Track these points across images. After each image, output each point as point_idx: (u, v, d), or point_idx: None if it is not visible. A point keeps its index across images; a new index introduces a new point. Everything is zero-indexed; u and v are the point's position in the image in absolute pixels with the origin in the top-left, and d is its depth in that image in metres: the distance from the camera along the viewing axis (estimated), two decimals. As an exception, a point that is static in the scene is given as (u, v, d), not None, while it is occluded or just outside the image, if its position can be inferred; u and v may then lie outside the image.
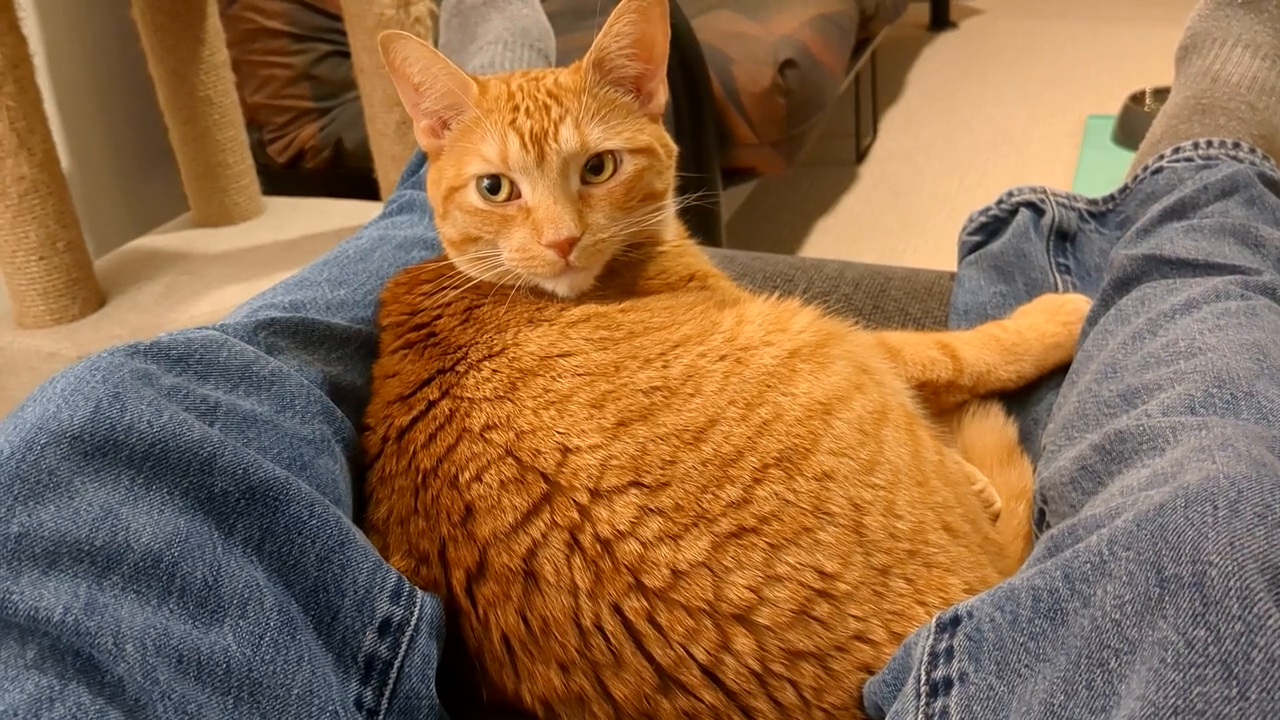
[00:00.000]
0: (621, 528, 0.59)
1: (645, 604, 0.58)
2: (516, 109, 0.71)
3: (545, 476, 0.61)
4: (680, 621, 0.58)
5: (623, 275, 0.74)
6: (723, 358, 0.65)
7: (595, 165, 0.71)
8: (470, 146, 0.72)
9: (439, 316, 0.73)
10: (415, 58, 0.72)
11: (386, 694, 0.58)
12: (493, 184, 0.71)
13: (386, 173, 1.76)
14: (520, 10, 1.24)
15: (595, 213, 0.71)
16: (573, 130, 0.70)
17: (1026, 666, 0.48)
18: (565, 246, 0.69)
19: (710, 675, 0.58)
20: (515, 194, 0.71)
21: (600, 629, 0.59)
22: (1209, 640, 0.42)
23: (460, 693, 0.63)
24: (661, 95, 0.76)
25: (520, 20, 1.23)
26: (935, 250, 2.55)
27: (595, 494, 0.60)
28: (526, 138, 0.69)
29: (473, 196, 0.71)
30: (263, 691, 0.52)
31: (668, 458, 0.61)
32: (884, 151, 3.18)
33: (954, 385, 0.82)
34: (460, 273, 0.74)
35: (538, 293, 0.73)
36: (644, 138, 0.74)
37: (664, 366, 0.65)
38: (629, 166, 0.72)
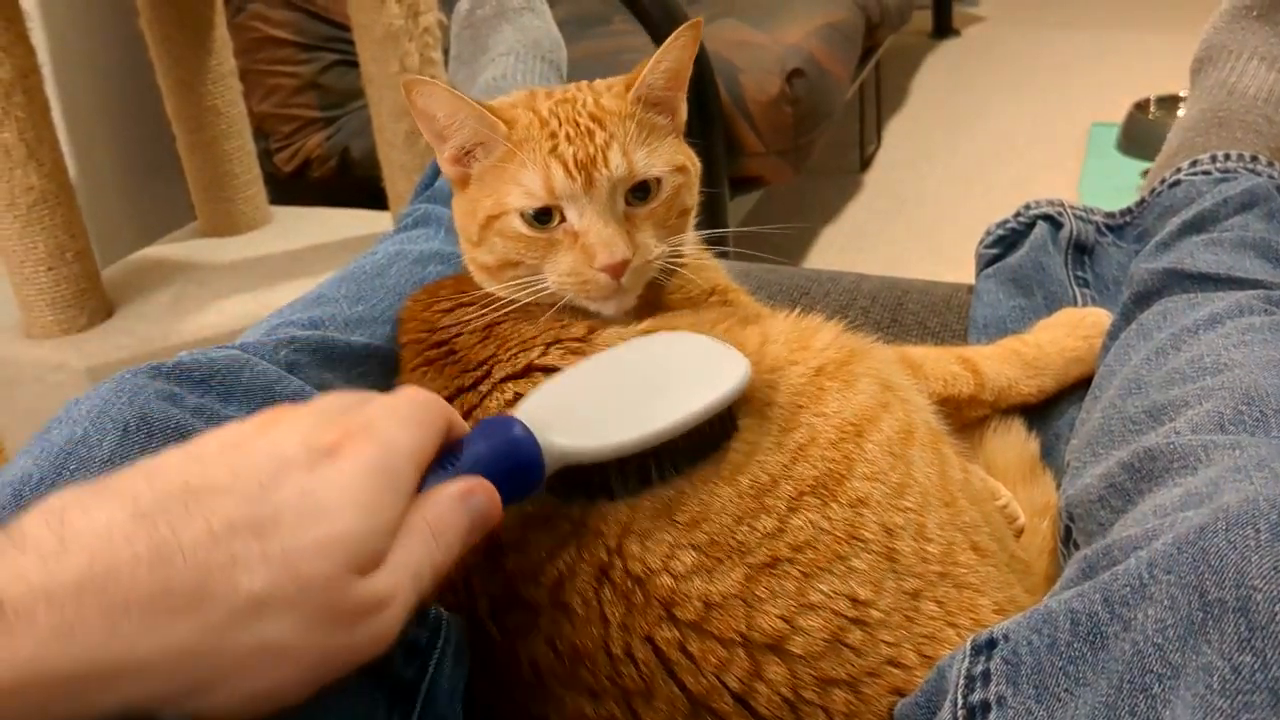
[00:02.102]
0: (653, 565, 0.59)
1: (677, 634, 0.58)
2: (554, 136, 0.70)
3: (570, 518, 0.61)
4: (713, 651, 0.57)
5: (646, 292, 0.74)
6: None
7: (639, 187, 0.71)
8: (508, 176, 0.71)
9: (458, 334, 0.72)
10: (440, 102, 0.71)
11: (414, 717, 0.58)
12: (539, 212, 0.70)
13: (395, 182, 1.75)
14: (532, 22, 1.24)
15: (641, 233, 0.71)
16: (620, 155, 0.70)
17: (1066, 691, 0.48)
18: (618, 269, 0.69)
19: (742, 702, 0.57)
20: (561, 218, 0.70)
21: (631, 657, 0.58)
22: (1255, 666, 0.41)
23: (487, 716, 0.63)
24: (683, 110, 0.76)
25: (532, 32, 1.23)
26: (940, 258, 2.55)
27: (626, 532, 0.60)
28: (570, 165, 0.69)
29: (516, 223, 0.71)
30: (286, 716, 0.52)
31: (703, 493, 0.60)
32: (888, 159, 3.18)
33: (976, 400, 0.82)
34: (484, 295, 0.73)
35: (564, 310, 0.72)
36: (680, 157, 0.74)
37: None
38: (668, 186, 0.73)
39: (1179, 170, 0.95)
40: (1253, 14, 0.99)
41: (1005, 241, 0.99)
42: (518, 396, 0.66)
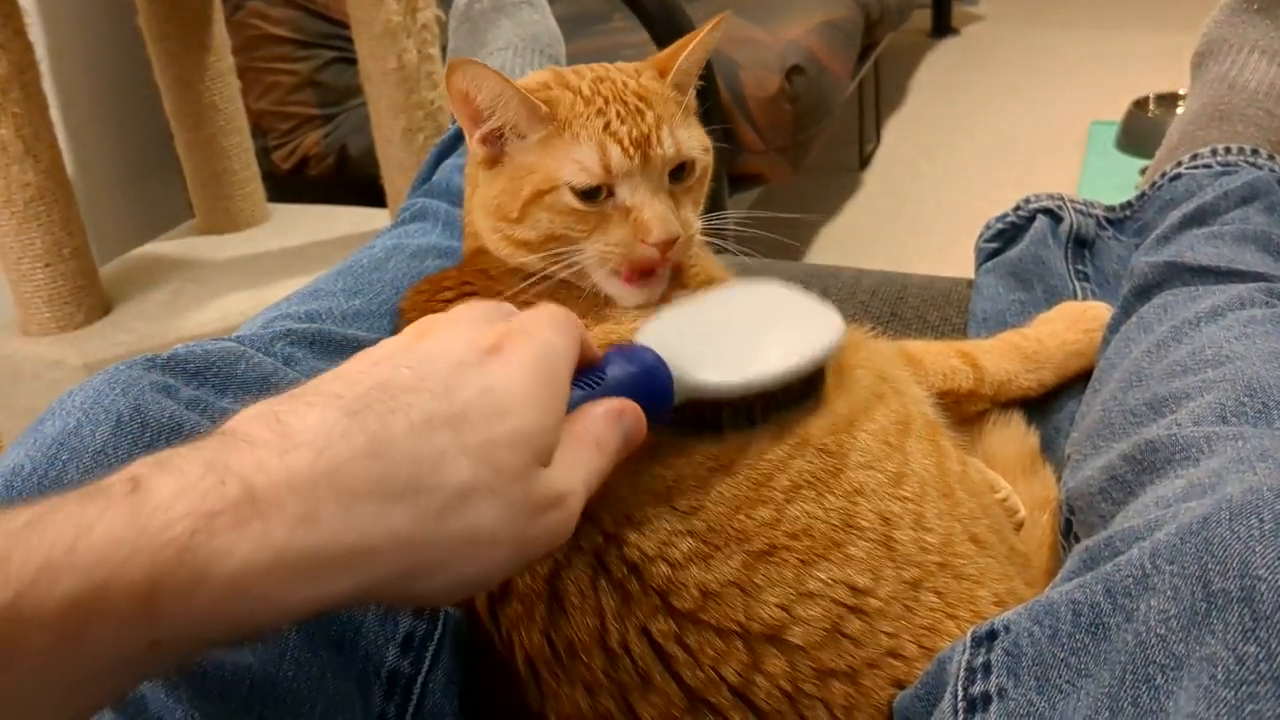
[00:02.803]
0: (650, 551, 0.58)
1: (674, 626, 0.57)
2: (603, 114, 0.71)
3: None
4: (710, 643, 0.57)
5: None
6: None
7: (679, 167, 0.73)
8: (559, 153, 0.72)
9: None
10: (484, 84, 0.71)
11: (410, 710, 0.58)
12: (590, 189, 0.71)
13: (392, 179, 1.75)
14: (530, 16, 1.23)
15: (683, 210, 0.73)
16: (669, 136, 0.72)
17: (1068, 682, 0.47)
18: (669, 245, 0.70)
19: (740, 696, 0.57)
20: (608, 194, 0.71)
21: (627, 651, 0.58)
22: (1260, 656, 0.41)
23: (484, 709, 0.63)
24: (693, 96, 0.78)
25: (530, 26, 1.22)
26: (939, 256, 2.54)
27: (623, 520, 0.59)
28: (627, 143, 0.70)
29: (567, 198, 0.71)
30: (285, 709, 0.52)
31: (700, 481, 0.60)
32: (887, 157, 3.18)
33: (975, 394, 0.82)
34: (510, 270, 0.74)
35: (588, 298, 0.73)
36: (706, 139, 0.76)
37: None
38: (699, 166, 0.75)
39: (1179, 164, 0.94)
40: (1253, 8, 0.99)
41: (1005, 235, 0.99)
42: None
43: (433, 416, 0.43)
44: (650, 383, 0.56)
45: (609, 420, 0.51)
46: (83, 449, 0.52)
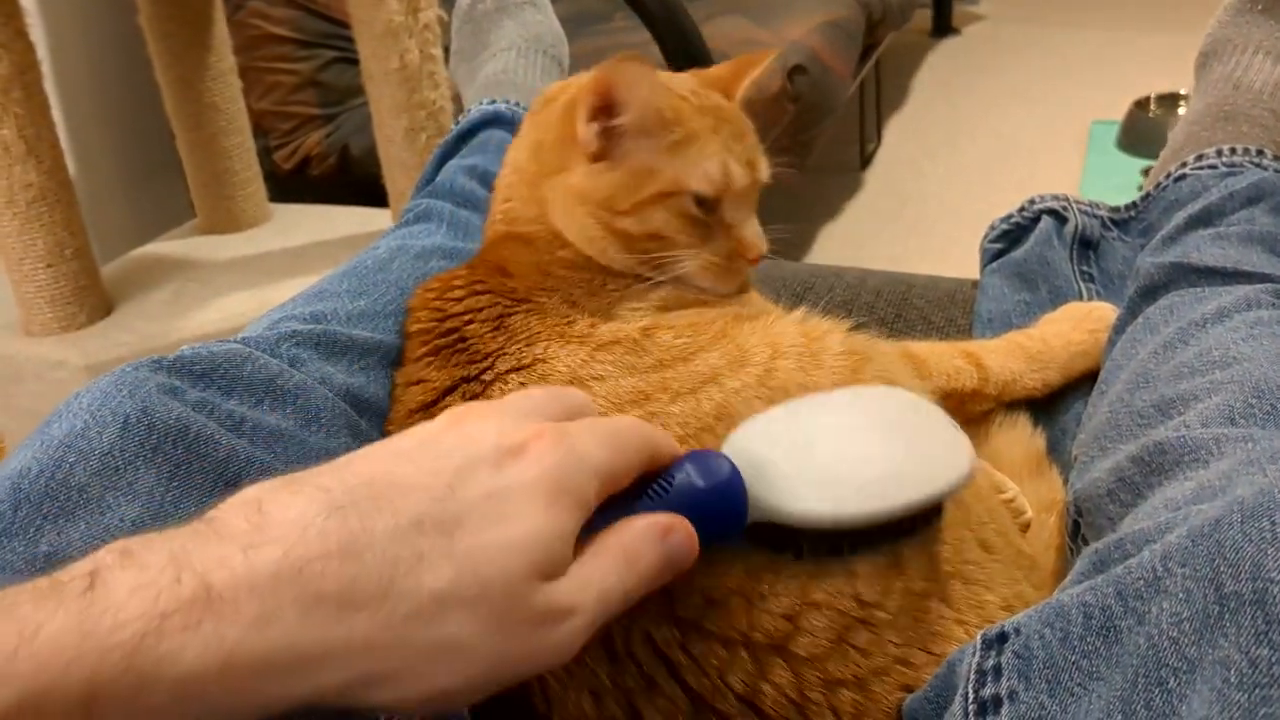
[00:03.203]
0: None
1: (677, 634, 0.57)
2: (718, 131, 0.76)
3: None
4: (714, 652, 0.57)
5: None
6: (757, 398, 0.64)
7: None
8: (689, 161, 0.75)
9: (470, 322, 0.72)
10: (640, 83, 0.73)
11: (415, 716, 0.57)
12: (706, 200, 0.75)
13: (394, 179, 1.75)
14: (533, 16, 1.23)
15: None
16: (765, 161, 0.78)
17: (1079, 685, 0.47)
18: (759, 260, 0.76)
19: (748, 703, 0.56)
20: (713, 208, 0.75)
21: (632, 656, 0.57)
22: (1273, 660, 0.41)
23: (488, 714, 0.62)
24: None
25: (533, 26, 1.22)
26: (941, 256, 2.54)
27: None
28: (743, 164, 0.76)
29: (688, 204, 0.74)
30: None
31: None
32: (888, 157, 3.18)
33: (980, 394, 0.81)
34: (530, 266, 0.75)
35: (592, 291, 0.75)
36: None
37: (697, 403, 0.64)
38: None
39: (1184, 165, 0.94)
40: (1258, 8, 0.99)
41: (1010, 236, 0.98)
42: (522, 386, 0.66)
43: (423, 519, 0.42)
44: (722, 501, 0.51)
45: (649, 536, 0.48)
46: (90, 451, 0.52)
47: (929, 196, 2.91)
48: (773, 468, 0.53)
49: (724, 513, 0.52)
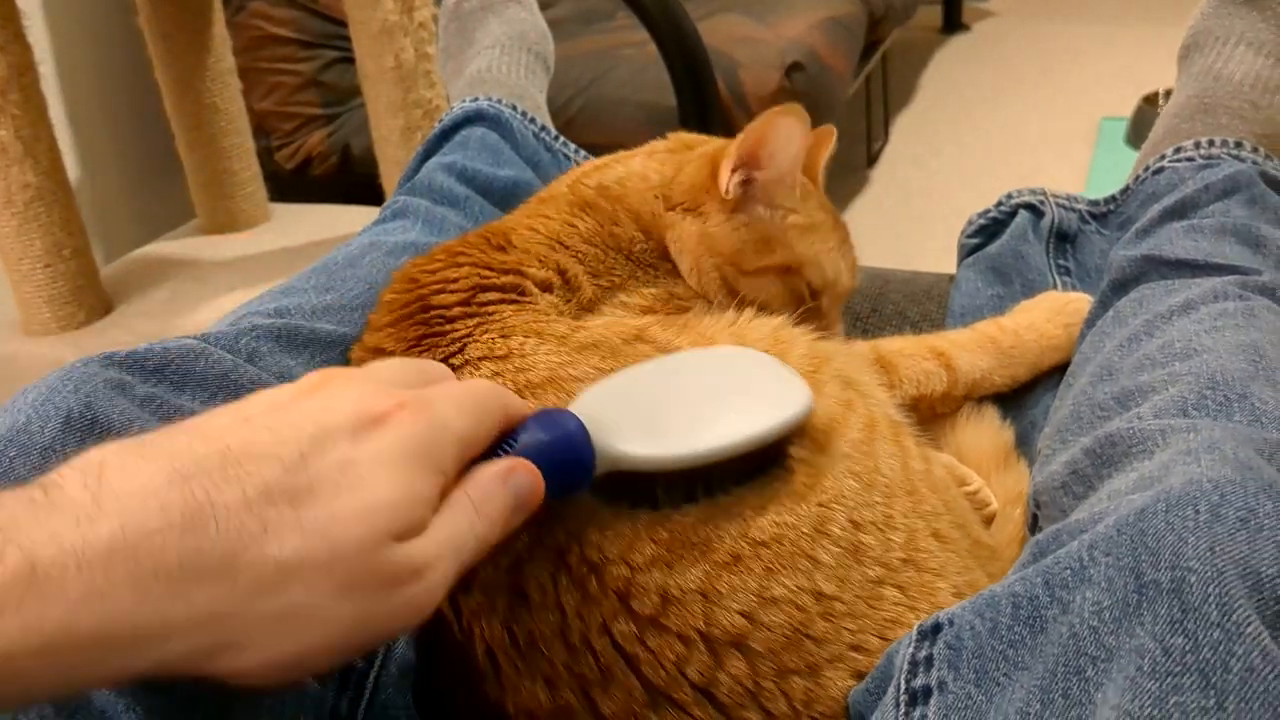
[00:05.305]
0: (610, 554, 0.58)
1: (634, 629, 0.57)
2: (837, 232, 0.83)
3: None
4: (670, 646, 0.57)
5: None
6: None
7: None
8: (815, 247, 0.80)
9: (439, 291, 0.71)
10: (796, 149, 0.77)
11: (362, 705, 0.58)
12: (814, 290, 0.80)
13: (391, 178, 1.76)
14: (517, 14, 1.24)
15: None
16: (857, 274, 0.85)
17: (1005, 675, 0.47)
18: None
19: (702, 692, 0.56)
20: (815, 295, 0.80)
21: (589, 647, 0.57)
22: (1187, 648, 0.41)
23: (439, 703, 0.63)
24: None
25: (518, 24, 1.22)
26: (947, 254, 2.50)
27: (588, 520, 0.59)
28: (849, 269, 0.82)
29: (802, 287, 0.80)
30: (234, 703, 0.52)
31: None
32: (895, 155, 3.16)
33: (948, 396, 0.82)
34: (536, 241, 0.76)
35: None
36: None
37: None
38: None
39: (1163, 157, 0.94)
40: (1239, 0, 0.98)
41: (987, 231, 0.98)
42: (495, 380, 0.65)
43: (271, 489, 0.41)
44: (566, 450, 0.53)
45: (494, 480, 0.49)
46: (31, 446, 0.53)
47: (936, 194, 2.90)
48: (616, 420, 0.56)
49: (570, 462, 0.53)
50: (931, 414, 0.80)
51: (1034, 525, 0.69)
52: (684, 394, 0.61)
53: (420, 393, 0.48)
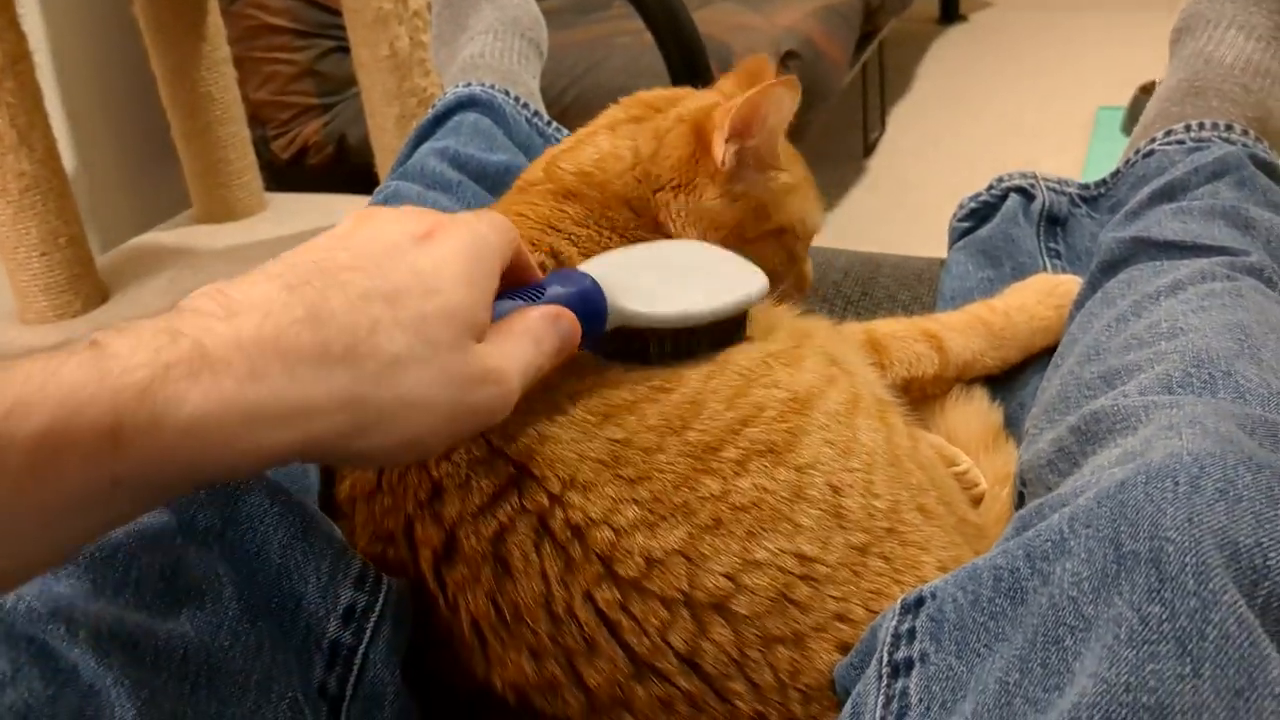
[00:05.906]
0: (594, 516, 0.58)
1: (618, 595, 0.58)
2: (809, 181, 0.85)
3: (515, 462, 0.60)
4: (654, 612, 0.57)
5: None
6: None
7: None
8: (802, 203, 0.84)
9: None
10: (786, 111, 0.78)
11: (351, 681, 0.58)
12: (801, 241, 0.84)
13: (387, 167, 1.75)
14: (510, 0, 1.24)
15: None
16: None
17: (985, 646, 0.47)
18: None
19: (688, 662, 0.57)
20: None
21: (573, 616, 0.58)
22: (1163, 617, 0.41)
23: (428, 678, 0.63)
24: None
25: (511, 10, 1.22)
26: (944, 243, 2.53)
27: (569, 483, 0.59)
28: (820, 214, 0.86)
29: (794, 242, 0.84)
30: (220, 678, 0.52)
31: (650, 449, 0.60)
32: (892, 145, 3.16)
33: (939, 378, 0.82)
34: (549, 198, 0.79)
35: None
36: None
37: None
38: None
39: (1154, 140, 0.94)
40: (1230, -17, 0.98)
41: (978, 214, 0.99)
42: None
43: (369, 292, 0.46)
44: (586, 303, 0.60)
45: (546, 320, 0.54)
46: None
47: (933, 184, 2.89)
48: (620, 284, 0.63)
49: (589, 313, 0.60)
50: (922, 395, 0.81)
51: (1020, 503, 0.70)
52: (669, 269, 0.70)
53: (451, 214, 0.53)
